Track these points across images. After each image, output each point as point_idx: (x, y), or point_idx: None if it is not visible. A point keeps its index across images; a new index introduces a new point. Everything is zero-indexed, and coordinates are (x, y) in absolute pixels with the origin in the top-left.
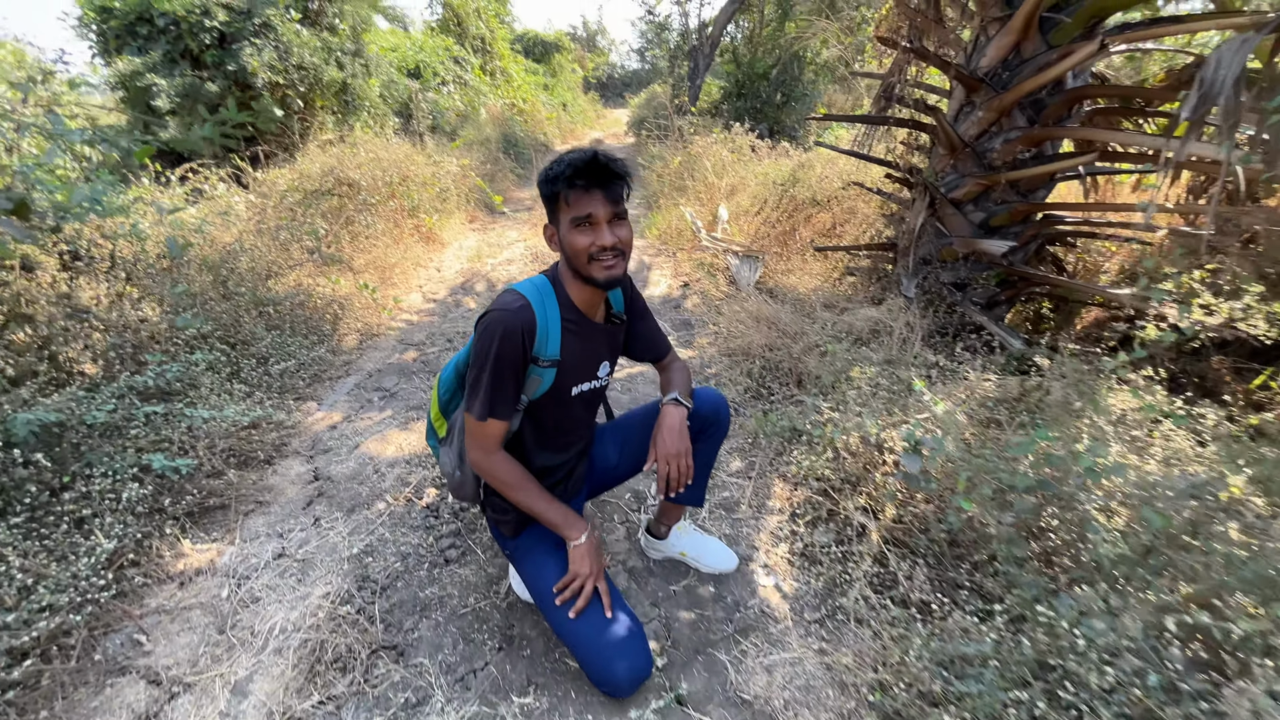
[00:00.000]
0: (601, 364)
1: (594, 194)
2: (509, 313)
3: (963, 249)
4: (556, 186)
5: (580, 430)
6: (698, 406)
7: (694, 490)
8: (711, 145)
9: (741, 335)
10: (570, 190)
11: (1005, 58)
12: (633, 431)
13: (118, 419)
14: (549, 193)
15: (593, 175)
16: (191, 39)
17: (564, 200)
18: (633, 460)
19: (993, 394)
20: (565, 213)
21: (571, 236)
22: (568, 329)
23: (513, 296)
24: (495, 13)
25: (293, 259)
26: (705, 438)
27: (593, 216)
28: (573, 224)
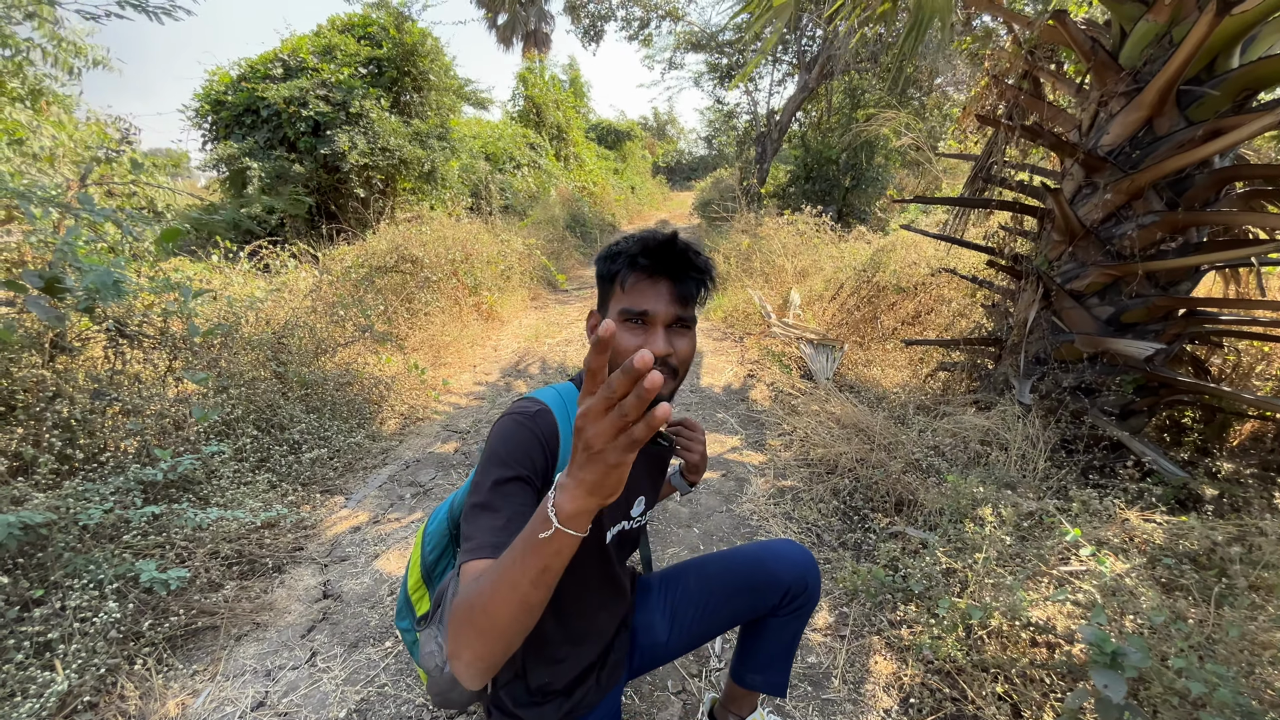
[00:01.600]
0: (637, 499)
1: (659, 285)
2: (524, 416)
3: (1088, 348)
4: (616, 265)
5: (617, 593)
6: (780, 571)
7: (773, 673)
8: (781, 227)
9: (825, 443)
10: (631, 273)
11: (1133, 135)
12: (686, 595)
13: (114, 519)
14: (606, 271)
15: (664, 260)
16: (290, 127)
17: (620, 284)
18: (688, 634)
19: (1160, 540)
20: (617, 301)
21: (619, 336)
22: None
23: (529, 402)
24: (573, 105)
25: (346, 336)
26: (788, 613)
27: (649, 314)
28: (621, 317)
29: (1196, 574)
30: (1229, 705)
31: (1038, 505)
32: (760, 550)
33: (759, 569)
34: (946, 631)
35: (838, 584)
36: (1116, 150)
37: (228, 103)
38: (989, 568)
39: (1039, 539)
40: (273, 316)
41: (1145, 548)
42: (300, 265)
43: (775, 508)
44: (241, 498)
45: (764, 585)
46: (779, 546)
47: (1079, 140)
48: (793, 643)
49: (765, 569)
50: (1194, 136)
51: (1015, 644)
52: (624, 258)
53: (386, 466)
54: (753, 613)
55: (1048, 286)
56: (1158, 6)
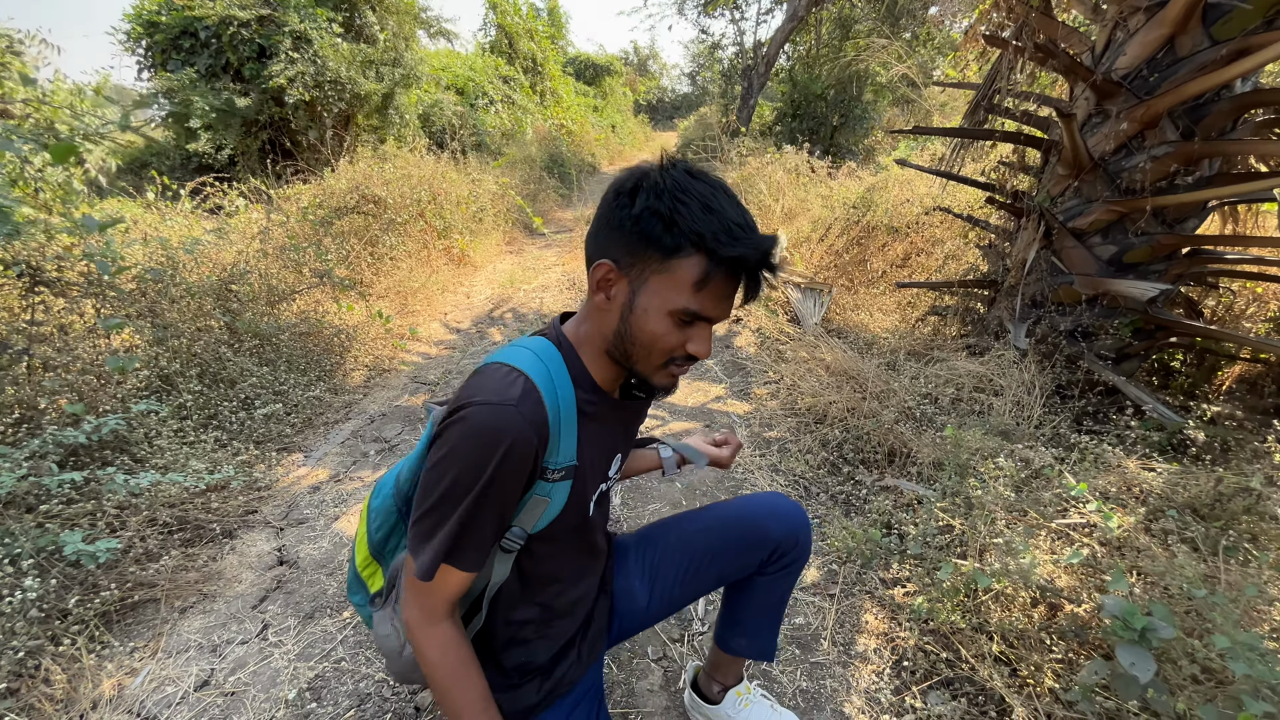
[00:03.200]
0: (615, 457)
1: (733, 289)
2: (508, 411)
3: (1087, 290)
4: (691, 247)
5: (595, 557)
6: (769, 527)
7: (760, 637)
8: (766, 165)
9: (813, 391)
10: (722, 276)
11: (1152, 56)
12: (666, 555)
13: (28, 486)
14: (668, 242)
15: (754, 272)
16: (232, 52)
17: (694, 275)
18: (669, 597)
19: (1159, 489)
20: (679, 289)
21: (661, 324)
22: (585, 415)
23: (507, 378)
24: (549, 34)
25: (304, 282)
26: (776, 570)
27: (714, 318)
28: (679, 313)
29: (1201, 526)
30: (1266, 681)
31: (1034, 455)
32: (746, 505)
33: (746, 525)
34: (948, 596)
35: (830, 543)
36: (1132, 74)
37: (162, 24)
38: (992, 526)
39: (1036, 490)
40: (219, 260)
41: (1145, 498)
42: (252, 206)
43: (762, 460)
44: (184, 459)
45: (751, 542)
46: (767, 500)
47: (1093, 63)
48: (781, 603)
49: (752, 525)
50: (1218, 57)
51: (1014, 604)
52: (721, 256)
53: (349, 421)
54: (741, 572)
55: (1049, 224)
56: None
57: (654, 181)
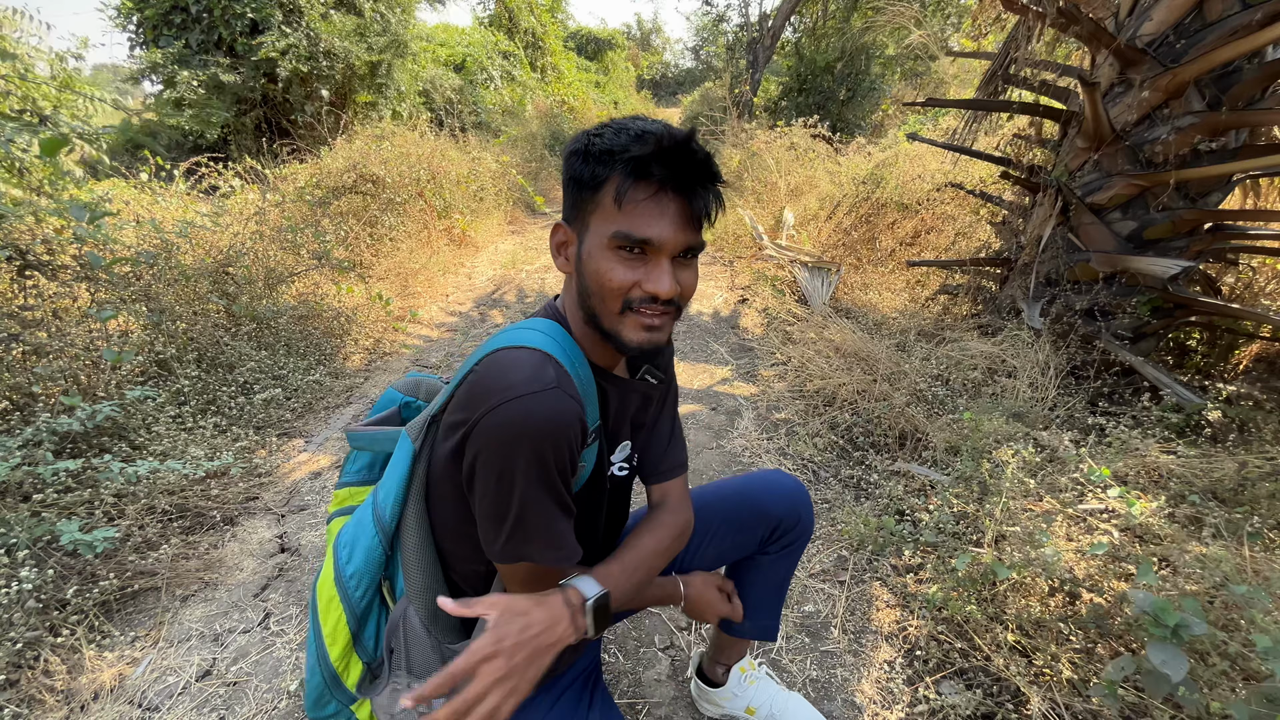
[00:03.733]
0: (622, 441)
1: (668, 204)
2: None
3: (1104, 267)
4: (607, 170)
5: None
6: (768, 503)
7: (762, 616)
8: (774, 140)
9: (823, 373)
10: (633, 185)
11: (1179, 21)
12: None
13: (22, 476)
14: (589, 175)
15: (681, 169)
16: (224, 27)
17: (616, 198)
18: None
19: (1178, 471)
20: (609, 219)
21: (604, 263)
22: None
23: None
24: (549, 7)
25: (302, 264)
26: (780, 548)
27: (654, 241)
28: (613, 241)
29: (1224, 511)
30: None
31: (1055, 440)
32: (746, 483)
33: (745, 503)
34: (964, 586)
35: (840, 530)
36: (1158, 40)
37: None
38: (1011, 515)
39: (1053, 475)
40: (214, 243)
41: (1166, 483)
42: (248, 187)
43: (769, 443)
44: (183, 445)
45: (751, 520)
46: (767, 477)
47: (1116, 29)
48: (784, 583)
49: (752, 502)
50: (1251, 21)
51: (1031, 594)
52: (622, 161)
53: (350, 405)
54: (740, 551)
55: (1066, 200)
56: None
57: (577, 135)
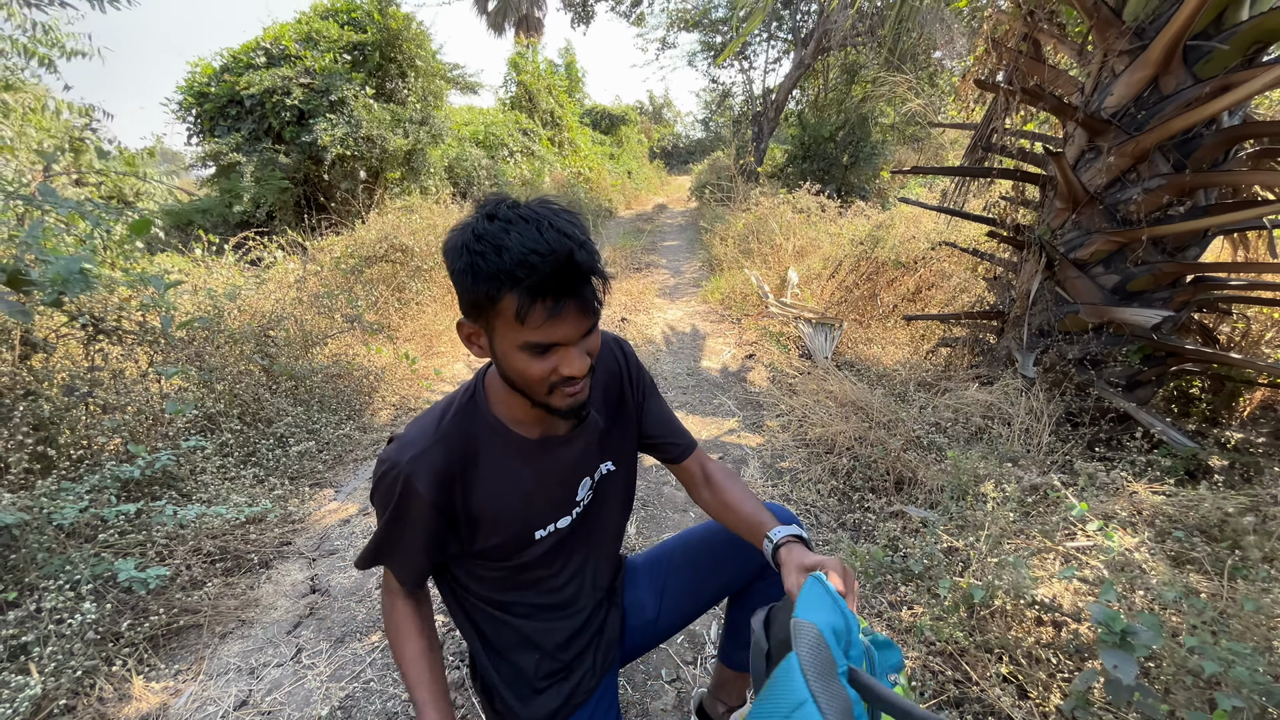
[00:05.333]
0: (580, 483)
1: (564, 306)
2: (393, 471)
3: (1093, 318)
4: (499, 291)
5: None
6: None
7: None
8: (778, 206)
9: (823, 422)
10: (531, 306)
11: (1138, 95)
12: (673, 571)
13: (89, 518)
14: (480, 294)
15: (569, 280)
16: (274, 117)
17: (513, 312)
18: (678, 609)
19: (1170, 513)
20: (509, 331)
21: (518, 363)
22: (507, 456)
23: (412, 434)
24: (566, 89)
25: (336, 327)
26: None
27: (561, 341)
28: (521, 349)
29: (1209, 547)
30: (1245, 683)
31: (1042, 479)
32: None
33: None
34: (948, 612)
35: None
36: (1120, 112)
37: (211, 94)
38: (992, 545)
39: (1044, 515)
40: (258, 308)
41: (1154, 521)
42: (289, 257)
43: (774, 490)
44: (226, 493)
45: (750, 546)
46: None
47: (1081, 103)
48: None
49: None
50: (1202, 94)
51: (1020, 623)
52: (513, 285)
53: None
54: (741, 578)
55: (1050, 256)
56: None
57: (454, 240)
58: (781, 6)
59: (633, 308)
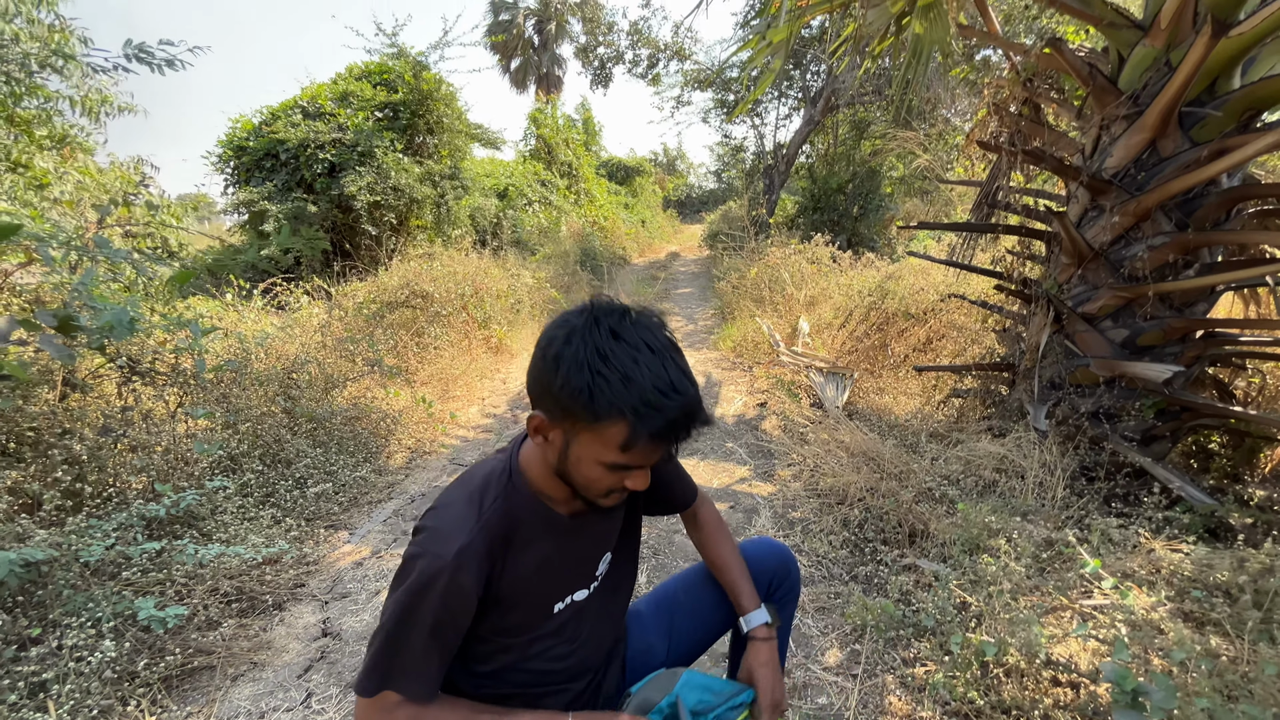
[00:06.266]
0: (601, 557)
1: (661, 444)
2: (439, 566)
3: (1104, 372)
4: (613, 417)
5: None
6: (764, 561)
7: None
8: (790, 256)
9: (834, 472)
10: (638, 441)
11: (1137, 157)
12: (678, 611)
13: (115, 555)
14: (592, 410)
15: (683, 436)
16: (307, 169)
17: (618, 442)
18: (687, 647)
19: (1189, 571)
20: (602, 448)
21: (593, 472)
22: (537, 533)
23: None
24: (584, 143)
25: (356, 371)
26: (776, 602)
27: (644, 465)
28: (607, 465)
29: (1230, 607)
30: None
31: (1055, 535)
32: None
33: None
34: (960, 669)
35: (846, 619)
36: (1121, 172)
37: (249, 148)
38: (1004, 601)
39: (1060, 571)
40: (283, 352)
41: (1173, 579)
42: (314, 302)
43: (785, 539)
44: (245, 533)
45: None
46: (758, 541)
47: (1083, 164)
48: (783, 645)
49: (751, 561)
50: (1199, 157)
51: (1036, 684)
52: (629, 416)
53: (391, 501)
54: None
55: (1059, 310)
56: (1154, 31)
57: (574, 352)
58: (791, 67)
59: None
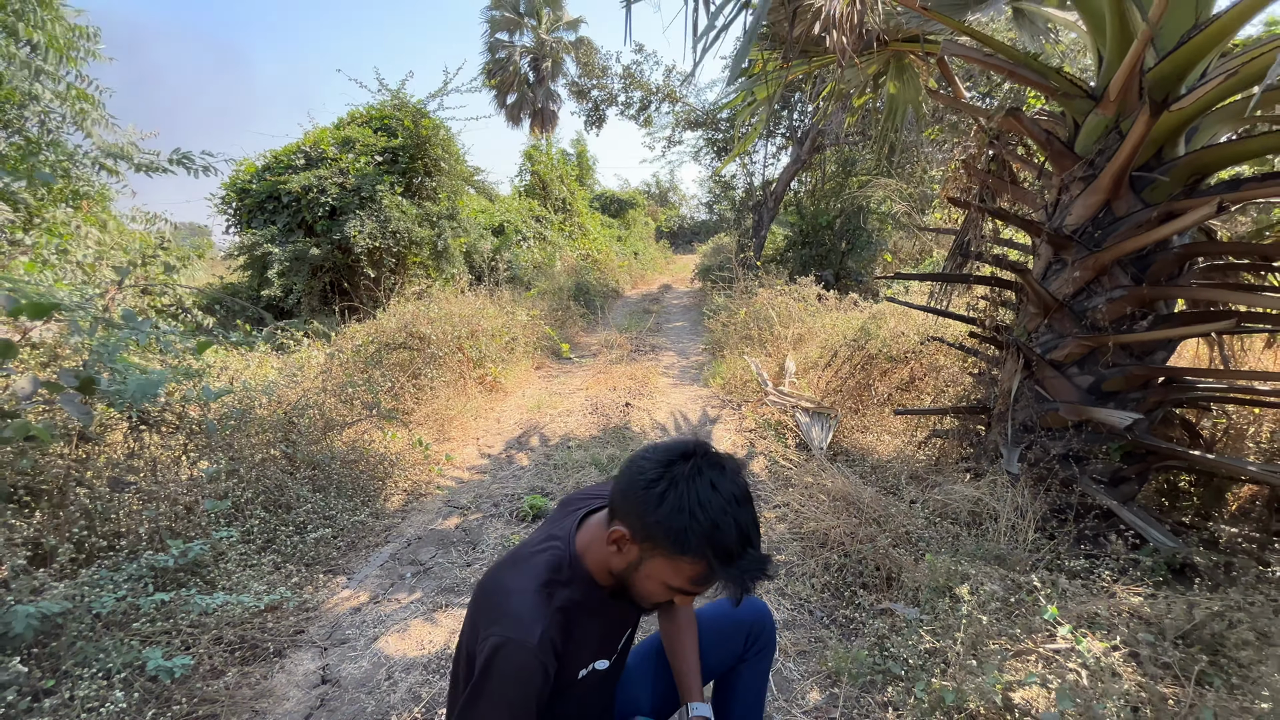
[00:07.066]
0: (624, 634)
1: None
2: (527, 652)
3: (1072, 416)
4: (703, 556)
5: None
6: (741, 615)
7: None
8: (777, 296)
9: (816, 516)
10: (712, 579)
11: (1094, 216)
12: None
13: (125, 606)
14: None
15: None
16: (308, 212)
17: (696, 575)
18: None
19: (1148, 615)
20: (675, 574)
21: (657, 588)
22: (587, 614)
23: (527, 611)
24: (577, 177)
25: (354, 414)
26: (752, 658)
27: (702, 592)
28: (673, 588)
29: (1181, 652)
30: None
31: (1022, 579)
32: (720, 604)
33: (723, 619)
34: (925, 715)
35: (822, 665)
36: (1080, 229)
37: (252, 191)
38: (969, 647)
39: (1026, 615)
40: (285, 397)
41: (1130, 624)
42: (313, 344)
43: (769, 583)
44: (247, 580)
45: (730, 630)
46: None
47: (1046, 220)
48: (761, 692)
49: (728, 617)
50: (1150, 218)
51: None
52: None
53: (388, 545)
54: (724, 663)
55: (1028, 357)
56: (1105, 102)
57: (679, 496)
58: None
59: (638, 392)
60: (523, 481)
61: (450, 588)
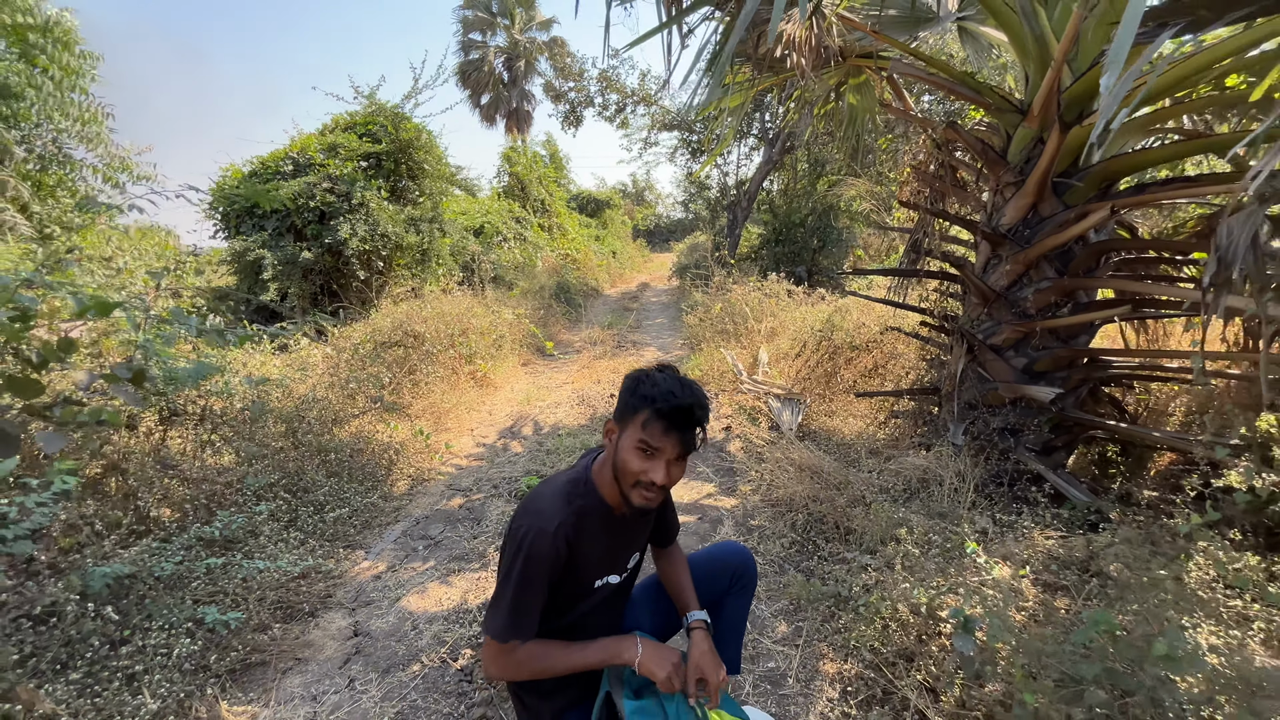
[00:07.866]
0: (632, 555)
1: (671, 435)
2: (545, 535)
3: (1008, 394)
4: (641, 405)
5: (604, 623)
6: (727, 558)
7: (728, 649)
8: (750, 292)
9: (785, 485)
10: (654, 420)
11: (1024, 217)
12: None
13: (182, 570)
14: (631, 404)
15: (683, 422)
16: (298, 217)
17: (641, 422)
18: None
19: (1058, 553)
20: (636, 431)
21: (629, 455)
22: (598, 526)
23: (549, 508)
24: (554, 178)
25: (358, 407)
26: (734, 593)
27: (660, 451)
28: (637, 445)
29: (1077, 577)
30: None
31: (956, 530)
32: (711, 549)
33: (713, 561)
34: (866, 624)
35: (787, 596)
36: (1013, 229)
37: (240, 196)
38: (900, 576)
39: (960, 559)
40: (296, 391)
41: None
42: (313, 344)
43: (745, 544)
44: (277, 553)
45: (718, 571)
46: (720, 544)
47: (984, 220)
48: (741, 622)
49: (718, 560)
50: (1069, 218)
51: (927, 635)
52: (650, 405)
53: (399, 523)
54: (711, 596)
55: (971, 342)
56: (1030, 117)
57: (636, 376)
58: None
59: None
60: (519, 465)
61: (460, 556)
